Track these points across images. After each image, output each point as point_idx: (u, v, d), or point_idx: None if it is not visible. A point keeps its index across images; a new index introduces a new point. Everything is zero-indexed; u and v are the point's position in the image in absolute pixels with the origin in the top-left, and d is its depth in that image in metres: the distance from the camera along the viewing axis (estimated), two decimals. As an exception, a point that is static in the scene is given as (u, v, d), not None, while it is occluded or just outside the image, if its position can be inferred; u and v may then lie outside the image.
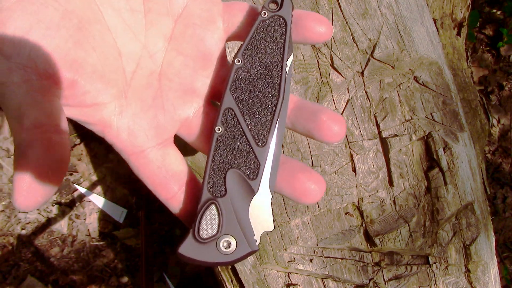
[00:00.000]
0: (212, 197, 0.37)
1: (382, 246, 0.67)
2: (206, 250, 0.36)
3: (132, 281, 1.64)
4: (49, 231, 1.67)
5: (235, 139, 0.37)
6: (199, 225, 0.36)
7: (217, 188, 0.37)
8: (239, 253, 0.37)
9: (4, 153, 1.68)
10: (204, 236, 0.36)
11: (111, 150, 1.71)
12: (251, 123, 0.36)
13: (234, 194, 0.37)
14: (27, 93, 0.27)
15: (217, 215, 0.36)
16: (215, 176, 0.37)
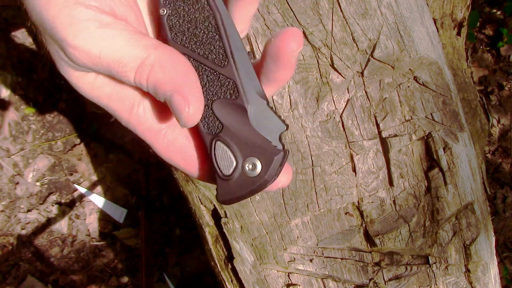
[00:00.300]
0: (213, 135, 0.37)
1: (382, 246, 0.67)
2: (239, 184, 0.36)
3: (132, 281, 1.64)
4: (49, 231, 1.67)
5: (201, 76, 0.37)
6: (217, 165, 0.36)
7: (212, 125, 0.37)
8: (269, 167, 0.36)
9: (4, 153, 1.68)
10: (227, 172, 0.36)
11: (111, 150, 1.71)
12: (205, 52, 0.36)
13: (230, 121, 0.37)
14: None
15: (227, 148, 0.37)
16: (206, 115, 0.37)
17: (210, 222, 0.71)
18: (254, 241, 0.67)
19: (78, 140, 1.72)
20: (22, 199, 1.67)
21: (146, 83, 0.33)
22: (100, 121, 1.71)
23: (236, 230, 0.67)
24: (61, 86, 1.72)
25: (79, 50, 0.32)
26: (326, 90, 0.65)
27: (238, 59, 0.36)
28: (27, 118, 1.70)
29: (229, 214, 0.67)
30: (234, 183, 0.36)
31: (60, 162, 1.70)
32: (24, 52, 1.70)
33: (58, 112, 1.72)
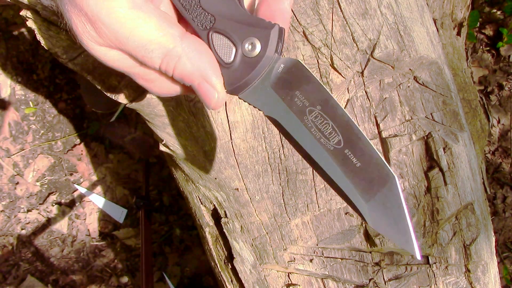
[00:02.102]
0: (208, 29, 0.36)
1: (382, 246, 0.67)
2: (243, 67, 0.35)
3: (132, 281, 1.64)
4: (49, 231, 1.67)
5: None
6: (218, 56, 0.36)
7: (205, 20, 0.36)
8: (268, 42, 0.35)
9: (4, 153, 1.68)
10: (228, 60, 0.36)
11: (111, 150, 1.71)
12: None
13: (220, 11, 0.36)
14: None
15: (223, 36, 0.36)
16: (196, 13, 0.36)
17: (210, 222, 0.71)
18: (254, 241, 0.67)
19: (78, 140, 1.72)
20: (22, 199, 1.67)
21: (172, 72, 0.35)
22: (100, 121, 1.71)
23: (236, 230, 0.67)
24: (61, 86, 1.72)
25: (109, 28, 0.33)
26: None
27: None
28: (27, 118, 1.70)
29: (229, 214, 0.67)
30: (238, 69, 0.35)
31: (60, 162, 1.70)
32: (24, 52, 1.70)
33: (58, 112, 1.72)
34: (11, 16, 1.69)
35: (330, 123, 0.35)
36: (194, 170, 0.65)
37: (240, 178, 0.66)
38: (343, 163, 0.34)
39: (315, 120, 0.35)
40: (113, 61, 0.36)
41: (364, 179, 0.34)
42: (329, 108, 0.35)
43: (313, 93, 0.35)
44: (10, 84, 1.70)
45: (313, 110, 0.35)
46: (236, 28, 0.35)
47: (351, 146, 0.34)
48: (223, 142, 0.64)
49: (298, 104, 0.36)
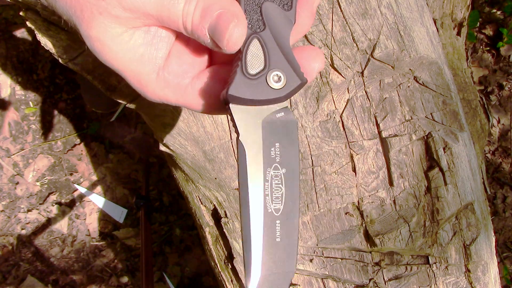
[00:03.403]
0: (253, 32, 0.36)
1: (382, 246, 0.67)
2: (256, 87, 0.35)
3: (132, 281, 1.64)
4: (49, 231, 1.67)
5: None
6: (245, 60, 0.35)
7: (255, 23, 0.36)
8: (290, 86, 0.36)
9: (4, 153, 1.68)
10: (252, 72, 0.35)
11: (111, 150, 1.71)
12: None
13: (273, 27, 0.36)
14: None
15: (261, 49, 0.36)
16: (251, 10, 0.36)
17: (210, 222, 0.71)
18: (254, 241, 0.67)
19: (78, 140, 1.72)
20: (22, 199, 1.67)
21: (195, 6, 0.34)
22: (100, 121, 1.71)
23: (236, 230, 0.67)
24: (61, 86, 1.72)
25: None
26: (326, 90, 0.65)
27: None
28: (27, 118, 1.70)
29: (229, 214, 0.67)
30: (252, 85, 0.35)
31: (60, 162, 1.70)
32: (24, 52, 1.70)
33: (58, 112, 1.72)
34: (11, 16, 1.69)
35: (283, 189, 0.36)
36: (194, 170, 0.65)
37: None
38: (269, 229, 0.35)
39: (274, 178, 0.36)
40: (124, 50, 0.36)
41: (273, 256, 0.35)
42: (290, 176, 0.36)
43: (288, 156, 0.36)
44: (10, 84, 1.70)
45: (278, 168, 0.36)
46: (276, 53, 0.36)
47: (285, 220, 0.36)
48: (223, 142, 0.64)
49: (271, 154, 0.36)
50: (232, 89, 0.35)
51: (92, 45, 0.36)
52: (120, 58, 0.36)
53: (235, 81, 0.35)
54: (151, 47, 0.37)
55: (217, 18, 0.34)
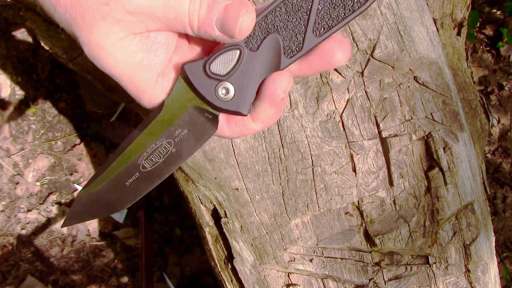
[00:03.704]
0: (241, 46, 0.37)
1: (382, 246, 0.67)
2: (205, 84, 0.37)
3: (132, 281, 1.64)
4: (49, 231, 1.67)
5: (298, 13, 0.36)
6: (214, 58, 0.37)
7: (253, 41, 0.37)
8: (228, 106, 0.38)
9: (4, 153, 1.68)
10: (212, 70, 0.37)
11: (111, 150, 1.71)
12: (324, 11, 0.36)
13: (261, 58, 0.37)
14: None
15: (234, 62, 0.37)
16: (259, 30, 0.37)
17: (210, 222, 0.71)
18: (254, 241, 0.67)
19: (78, 140, 1.72)
20: (22, 199, 1.67)
21: (200, 2, 0.35)
22: (100, 121, 1.71)
23: (236, 230, 0.67)
24: (61, 86, 1.72)
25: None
26: (326, 90, 0.65)
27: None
28: (27, 118, 1.70)
29: (229, 214, 0.67)
30: (203, 80, 0.37)
31: (60, 162, 1.70)
32: (24, 52, 1.70)
33: (58, 112, 1.72)
34: (11, 16, 1.70)
35: (160, 160, 0.40)
36: (194, 170, 0.65)
37: (240, 178, 0.66)
38: (126, 172, 0.41)
39: (162, 147, 0.40)
40: (123, 55, 0.37)
41: (113, 189, 0.42)
42: (173, 159, 0.40)
43: (186, 145, 0.40)
44: (10, 84, 1.70)
45: (171, 144, 0.40)
46: (245, 73, 0.37)
47: (143, 177, 0.41)
48: (223, 142, 0.64)
49: (176, 131, 0.40)
50: (188, 66, 0.37)
51: (91, 50, 0.37)
52: (119, 63, 0.37)
53: (195, 63, 0.37)
54: (150, 53, 0.38)
55: (225, 10, 0.35)
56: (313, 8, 0.36)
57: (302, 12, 0.36)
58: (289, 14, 0.36)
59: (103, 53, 0.37)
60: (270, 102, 0.38)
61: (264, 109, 0.39)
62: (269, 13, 0.37)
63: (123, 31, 0.36)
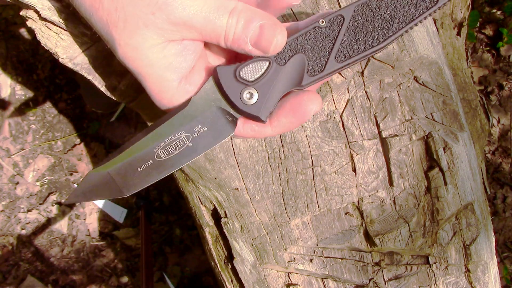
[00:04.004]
0: (271, 59, 0.41)
1: (382, 246, 0.67)
2: (233, 86, 0.41)
3: (132, 281, 1.64)
4: (49, 231, 1.67)
5: (325, 40, 0.41)
6: (245, 65, 0.41)
7: (282, 56, 0.41)
8: (250, 110, 0.41)
9: (4, 153, 1.68)
10: (242, 75, 0.41)
11: (111, 150, 1.71)
12: (347, 42, 0.40)
13: (286, 72, 0.41)
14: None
15: (263, 71, 0.41)
16: (289, 48, 0.41)
17: (210, 222, 0.71)
18: (254, 241, 0.68)
19: (78, 140, 1.72)
20: (22, 199, 1.67)
21: (237, 19, 0.40)
22: (100, 121, 1.71)
23: (236, 230, 0.67)
24: (61, 86, 1.72)
25: (186, 4, 0.38)
26: (326, 90, 0.65)
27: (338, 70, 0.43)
28: (27, 118, 1.70)
29: (229, 214, 0.68)
30: (232, 82, 0.41)
31: (60, 162, 1.70)
32: (24, 52, 1.70)
33: (58, 112, 1.72)
34: (11, 16, 1.70)
35: (175, 152, 0.43)
36: (194, 170, 0.65)
37: (240, 178, 0.66)
38: (140, 158, 0.43)
39: (180, 140, 0.43)
40: (157, 58, 0.41)
41: (124, 172, 0.44)
42: (188, 153, 0.43)
43: (203, 141, 0.43)
44: (10, 84, 1.70)
45: (189, 138, 0.43)
46: (268, 83, 0.41)
47: (156, 166, 0.43)
48: (223, 142, 0.64)
49: (196, 127, 0.43)
50: (220, 69, 0.41)
51: (126, 52, 0.40)
52: (151, 65, 0.41)
53: (227, 68, 0.41)
54: (180, 57, 0.42)
55: (261, 28, 0.40)
56: (338, 38, 0.41)
57: (328, 40, 0.41)
58: (317, 39, 0.41)
59: (138, 55, 0.40)
60: (297, 117, 0.43)
61: (288, 121, 0.43)
62: (300, 36, 0.41)
63: (161, 38, 0.40)
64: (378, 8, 0.40)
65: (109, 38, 0.41)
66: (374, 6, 0.40)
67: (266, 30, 0.40)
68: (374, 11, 0.41)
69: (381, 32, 0.41)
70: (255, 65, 0.41)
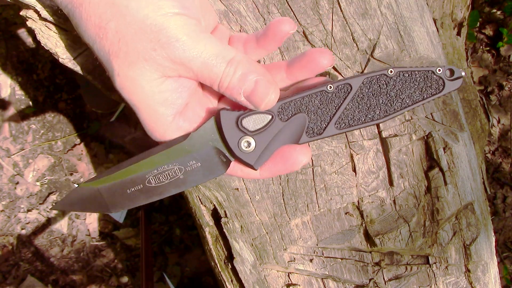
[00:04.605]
0: (276, 112, 0.43)
1: (382, 246, 0.67)
2: (233, 132, 0.42)
3: (132, 281, 1.64)
4: (49, 231, 1.67)
5: (329, 105, 0.42)
6: (249, 115, 0.42)
7: (286, 112, 0.43)
8: (245, 157, 0.43)
9: (4, 153, 1.68)
10: (243, 124, 0.42)
11: (111, 150, 1.71)
12: (350, 111, 0.42)
13: (286, 128, 0.43)
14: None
15: (264, 124, 0.42)
16: (293, 106, 0.43)
17: (210, 222, 0.71)
18: (254, 241, 0.68)
19: (78, 140, 1.72)
20: (22, 199, 1.67)
21: (234, 70, 0.41)
22: (100, 121, 1.71)
23: (236, 230, 0.67)
24: (61, 86, 1.72)
25: (187, 46, 0.40)
26: (326, 90, 0.65)
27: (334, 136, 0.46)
28: (27, 118, 1.70)
29: (229, 214, 0.68)
30: (232, 127, 0.43)
31: (60, 162, 1.70)
32: (24, 52, 1.70)
33: (58, 112, 1.72)
34: (11, 16, 1.70)
35: (166, 182, 0.44)
36: (194, 170, 0.66)
37: (240, 178, 0.66)
38: (130, 182, 0.45)
39: (173, 171, 0.44)
40: (152, 93, 0.42)
41: (112, 193, 0.45)
42: (178, 184, 0.44)
43: (194, 177, 0.44)
44: (10, 84, 1.70)
45: (181, 170, 0.44)
46: (267, 136, 0.43)
47: (144, 191, 0.45)
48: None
49: (189, 162, 0.44)
50: (223, 112, 0.43)
51: (123, 82, 0.42)
52: (147, 98, 0.42)
53: (232, 113, 0.43)
54: (176, 94, 0.43)
55: (256, 84, 0.41)
56: (342, 105, 0.42)
57: (332, 106, 0.42)
58: (322, 103, 0.42)
59: (134, 87, 0.42)
60: (287, 166, 0.45)
61: (277, 169, 0.45)
62: (306, 96, 0.42)
63: (159, 73, 0.41)
64: (386, 85, 0.41)
65: (109, 67, 0.42)
66: (382, 82, 0.41)
67: (260, 87, 0.41)
68: (381, 87, 0.41)
69: (383, 108, 0.42)
70: (258, 117, 0.42)
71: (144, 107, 0.43)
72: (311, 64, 0.44)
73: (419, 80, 0.41)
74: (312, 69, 0.44)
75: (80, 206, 0.45)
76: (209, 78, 0.41)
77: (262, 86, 0.41)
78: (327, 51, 0.44)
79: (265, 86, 0.41)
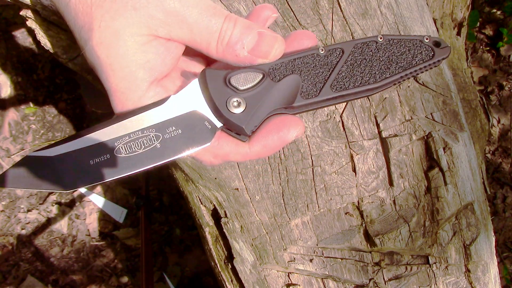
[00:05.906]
0: (267, 72, 0.40)
1: (382, 246, 0.67)
2: (220, 91, 0.38)
3: (132, 281, 1.64)
4: (49, 231, 1.67)
5: (322, 67, 0.41)
6: (238, 73, 0.39)
7: (277, 73, 0.40)
8: (234, 119, 0.38)
9: (4, 153, 1.68)
10: (232, 82, 0.39)
11: (111, 150, 1.71)
12: (344, 74, 0.41)
13: (279, 89, 0.40)
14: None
15: (255, 82, 0.39)
16: (285, 67, 0.41)
17: (210, 222, 0.71)
18: (254, 241, 0.67)
19: (78, 140, 1.72)
20: (22, 199, 1.67)
21: (234, 24, 0.37)
22: (100, 121, 1.71)
23: (236, 230, 0.67)
24: (61, 86, 1.72)
25: (180, 14, 0.36)
26: (326, 90, 0.65)
27: (333, 100, 0.42)
28: (27, 118, 1.70)
29: (229, 214, 0.67)
30: (220, 86, 0.39)
31: (60, 162, 1.70)
32: (24, 52, 1.70)
33: (58, 112, 1.72)
34: (11, 16, 1.70)
35: (140, 151, 0.38)
36: (194, 170, 0.65)
37: (240, 178, 0.66)
38: (98, 148, 0.38)
39: (148, 139, 0.38)
40: (143, 62, 0.37)
41: (75, 162, 0.38)
42: (155, 154, 0.38)
43: (173, 145, 0.38)
44: (10, 84, 1.70)
45: (159, 138, 0.38)
46: (258, 96, 0.39)
47: (112, 161, 0.38)
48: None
49: (168, 128, 0.38)
50: (209, 70, 0.39)
51: (104, 36, 0.36)
52: (126, 57, 0.36)
53: (217, 64, 0.40)
54: (159, 58, 0.38)
55: (260, 35, 0.38)
56: (336, 68, 0.41)
57: (326, 68, 0.41)
58: (315, 65, 0.41)
59: (115, 41, 0.36)
60: (280, 136, 0.40)
61: (269, 141, 0.40)
62: (298, 58, 0.41)
63: (147, 29, 0.36)
64: (377, 50, 0.41)
65: (87, 21, 0.36)
66: (373, 48, 0.41)
67: (265, 37, 0.38)
68: (373, 52, 0.41)
69: (378, 72, 0.41)
70: (248, 75, 0.39)
71: (119, 68, 0.36)
72: (294, 44, 0.42)
73: (409, 47, 0.41)
74: (295, 48, 0.42)
75: (28, 181, 0.36)
76: (206, 33, 0.37)
77: (268, 36, 0.38)
78: (310, 33, 0.43)
79: (270, 36, 0.38)
